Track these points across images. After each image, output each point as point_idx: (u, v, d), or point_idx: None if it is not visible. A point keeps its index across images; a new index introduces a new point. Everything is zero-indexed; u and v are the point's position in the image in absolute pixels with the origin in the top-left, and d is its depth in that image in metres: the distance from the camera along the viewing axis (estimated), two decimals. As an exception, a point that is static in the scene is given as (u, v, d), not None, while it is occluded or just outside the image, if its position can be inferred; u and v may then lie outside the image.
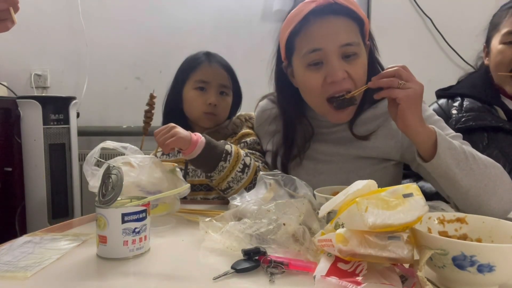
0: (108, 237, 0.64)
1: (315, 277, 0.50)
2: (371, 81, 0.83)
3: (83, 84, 2.31)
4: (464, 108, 1.20)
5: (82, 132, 2.15)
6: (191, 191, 0.92)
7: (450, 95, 1.29)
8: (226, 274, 0.57)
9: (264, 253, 0.61)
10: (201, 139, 0.95)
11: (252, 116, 1.30)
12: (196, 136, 0.95)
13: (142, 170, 0.86)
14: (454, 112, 1.21)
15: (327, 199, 0.65)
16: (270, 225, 0.67)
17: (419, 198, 0.50)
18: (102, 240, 0.64)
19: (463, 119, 1.17)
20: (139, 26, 2.28)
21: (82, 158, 2.05)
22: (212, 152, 0.97)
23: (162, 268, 0.62)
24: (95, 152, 0.88)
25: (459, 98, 1.25)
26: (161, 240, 0.75)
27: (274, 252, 0.63)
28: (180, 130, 0.94)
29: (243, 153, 1.02)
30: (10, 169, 1.97)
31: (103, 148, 0.88)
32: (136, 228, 0.65)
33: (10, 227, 1.98)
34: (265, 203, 0.74)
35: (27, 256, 0.66)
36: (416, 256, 0.50)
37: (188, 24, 2.23)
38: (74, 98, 2.04)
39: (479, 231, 0.59)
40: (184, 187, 0.84)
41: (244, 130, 1.24)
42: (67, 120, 1.98)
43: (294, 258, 0.60)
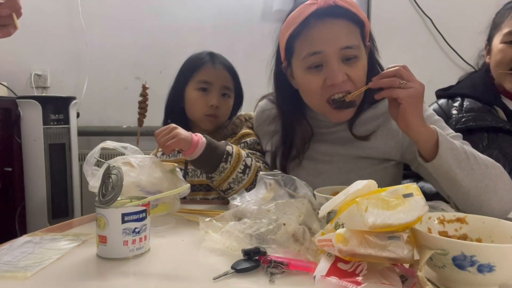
0: (108, 237, 0.64)
1: (315, 277, 0.50)
2: (372, 81, 0.82)
3: (83, 84, 2.30)
4: (464, 108, 1.20)
5: (82, 132, 2.15)
6: (191, 191, 0.92)
7: (450, 95, 1.29)
8: (226, 274, 0.57)
9: (264, 253, 0.61)
10: (202, 140, 0.95)
11: (252, 116, 1.29)
12: (197, 137, 0.95)
13: (142, 170, 0.86)
14: (454, 112, 1.21)
15: (327, 199, 0.65)
16: (270, 225, 0.67)
17: (419, 198, 0.50)
18: (102, 240, 0.64)
19: (463, 119, 1.17)
20: (139, 26, 2.28)
21: (82, 158, 2.05)
22: (213, 153, 0.96)
23: (162, 268, 0.62)
24: (95, 152, 0.88)
25: (459, 98, 1.25)
26: (161, 240, 0.75)
27: (274, 252, 0.63)
28: (181, 131, 0.94)
29: (244, 153, 1.02)
30: (10, 169, 1.97)
31: (103, 148, 0.88)
32: (136, 228, 0.65)
33: (10, 227, 1.98)
34: (265, 203, 0.74)
35: (27, 256, 0.66)
36: (416, 256, 0.50)
37: (188, 24, 2.23)
38: (74, 98, 2.03)
39: (479, 231, 0.59)
40: (184, 187, 0.84)
41: (244, 130, 1.23)
42: (67, 120, 1.98)
43: (294, 258, 0.60)
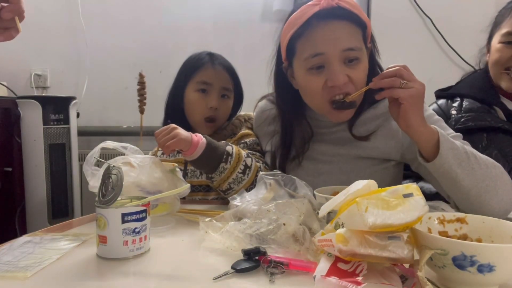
0: (108, 237, 0.64)
1: (315, 277, 0.50)
2: (372, 81, 0.82)
3: (83, 84, 2.30)
4: (463, 109, 1.20)
5: (82, 132, 2.15)
6: (190, 192, 0.92)
7: (450, 96, 1.29)
8: (226, 274, 0.57)
9: (264, 253, 0.61)
10: (202, 140, 0.95)
11: (251, 116, 1.29)
12: (197, 137, 0.95)
13: (142, 170, 0.86)
14: (453, 112, 1.21)
15: (327, 199, 0.65)
16: (270, 225, 0.67)
17: (419, 198, 0.50)
18: (102, 240, 0.64)
19: (462, 120, 1.17)
20: (139, 26, 2.27)
21: (82, 158, 2.05)
22: (213, 154, 0.96)
23: (162, 268, 0.62)
24: (95, 152, 0.88)
25: (458, 98, 1.25)
26: (161, 240, 0.75)
27: (274, 252, 0.63)
28: (181, 131, 0.94)
29: (244, 154, 1.02)
30: (10, 169, 1.97)
31: (103, 148, 0.88)
32: (136, 228, 0.65)
33: (10, 227, 1.98)
34: (265, 203, 0.74)
35: (27, 256, 0.66)
36: (416, 256, 0.50)
37: (188, 24, 2.22)
38: (74, 98, 2.03)
39: (479, 231, 0.59)
40: (184, 187, 0.84)
41: (244, 131, 1.23)
42: (67, 120, 1.98)
43: (294, 258, 0.60)
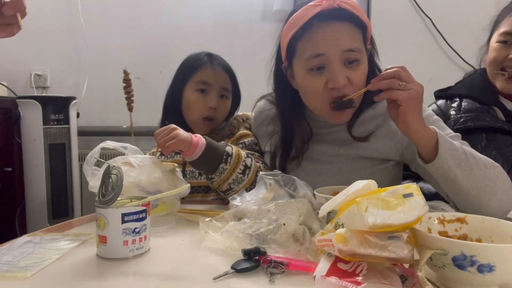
0: (108, 237, 0.64)
1: (315, 277, 0.50)
2: (371, 83, 0.82)
3: (83, 84, 2.30)
4: (462, 109, 1.21)
5: (82, 132, 2.15)
6: (189, 193, 0.92)
7: (449, 96, 1.29)
8: (226, 274, 0.57)
9: (264, 253, 0.61)
10: (201, 141, 0.95)
11: (249, 116, 1.29)
12: (196, 137, 0.95)
13: (142, 170, 0.85)
14: (452, 113, 1.22)
15: (327, 199, 0.65)
16: (270, 225, 0.67)
17: (419, 198, 0.50)
18: (102, 240, 0.64)
19: (461, 120, 1.17)
20: (139, 26, 2.28)
21: (82, 158, 2.05)
22: (212, 154, 0.96)
23: (162, 268, 0.62)
24: (95, 152, 0.88)
25: (457, 98, 1.25)
26: (161, 240, 0.75)
27: (274, 252, 0.63)
28: (180, 132, 0.93)
29: (244, 154, 1.02)
30: (10, 169, 1.97)
31: (103, 148, 0.88)
32: (136, 228, 0.65)
33: (10, 227, 1.98)
34: (265, 203, 0.74)
35: (27, 256, 0.66)
36: (416, 256, 0.50)
37: (188, 24, 2.23)
38: (74, 98, 2.03)
39: (479, 231, 0.59)
40: (184, 187, 0.84)
41: (242, 131, 1.23)
42: (67, 120, 1.98)
43: (294, 258, 0.60)
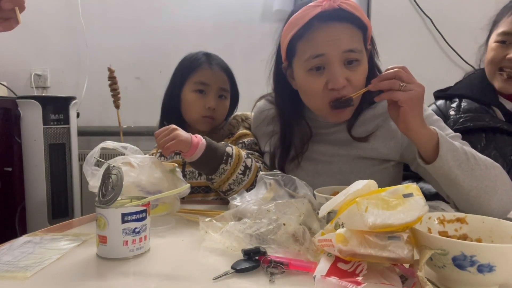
0: (108, 237, 0.64)
1: (315, 277, 0.50)
2: (371, 83, 0.82)
3: (83, 84, 2.31)
4: (461, 109, 1.21)
5: (82, 132, 2.15)
6: (189, 193, 0.92)
7: (448, 96, 1.29)
8: (226, 274, 0.57)
9: (264, 253, 0.61)
10: (201, 141, 0.95)
11: (249, 116, 1.29)
12: (196, 138, 0.95)
13: (142, 170, 0.85)
14: (452, 113, 1.22)
15: (327, 199, 0.65)
16: (270, 225, 0.67)
17: (419, 198, 0.50)
18: (102, 240, 0.64)
19: (461, 120, 1.17)
20: (139, 26, 2.28)
21: (82, 158, 2.05)
22: (213, 155, 0.96)
23: (162, 268, 0.62)
24: (95, 152, 0.88)
25: (456, 99, 1.25)
26: (161, 240, 0.75)
27: (274, 252, 0.63)
28: (181, 133, 0.93)
29: (244, 154, 1.02)
30: (10, 169, 1.97)
31: (103, 148, 0.88)
32: (136, 228, 0.65)
33: (10, 227, 1.98)
34: (265, 203, 0.74)
35: (27, 256, 0.66)
36: (416, 256, 0.50)
37: (188, 24, 2.23)
38: (74, 98, 2.04)
39: (479, 231, 0.59)
40: (184, 187, 0.84)
41: (241, 131, 1.23)
42: (67, 120, 1.98)
43: (294, 258, 0.60)
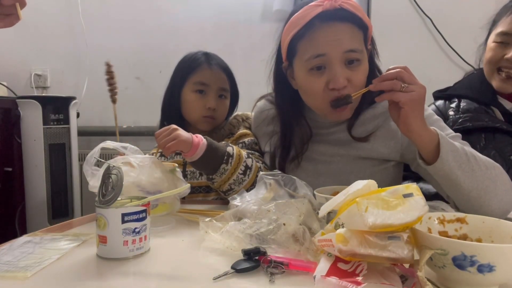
0: (108, 237, 0.64)
1: (315, 277, 0.50)
2: (372, 83, 0.81)
3: (83, 84, 2.31)
4: (461, 109, 1.21)
5: (82, 132, 2.15)
6: (190, 193, 0.92)
7: (447, 96, 1.29)
8: (226, 274, 0.57)
9: (264, 253, 0.61)
10: (202, 141, 0.95)
11: (249, 116, 1.29)
12: (197, 138, 0.95)
13: (142, 170, 0.85)
14: (451, 113, 1.22)
15: (327, 199, 0.65)
16: (270, 225, 0.67)
17: (419, 198, 0.50)
18: (102, 240, 0.64)
19: (460, 120, 1.17)
20: (139, 26, 2.28)
21: (82, 158, 2.05)
22: (213, 155, 0.96)
23: (162, 268, 0.62)
24: (95, 152, 0.88)
25: (456, 99, 1.25)
26: (161, 240, 0.75)
27: (274, 252, 0.63)
28: (181, 133, 0.93)
29: (245, 154, 1.02)
30: (10, 169, 1.97)
31: (103, 148, 0.88)
32: (136, 228, 0.65)
33: (10, 227, 1.98)
34: (265, 203, 0.74)
35: (27, 256, 0.66)
36: (416, 256, 0.50)
37: (188, 24, 2.23)
38: (74, 98, 2.04)
39: (479, 231, 0.59)
40: (184, 187, 0.84)
41: (242, 131, 1.23)
42: (67, 120, 1.98)
43: (294, 258, 0.60)
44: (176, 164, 0.96)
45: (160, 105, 1.31)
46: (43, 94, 2.34)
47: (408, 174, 1.12)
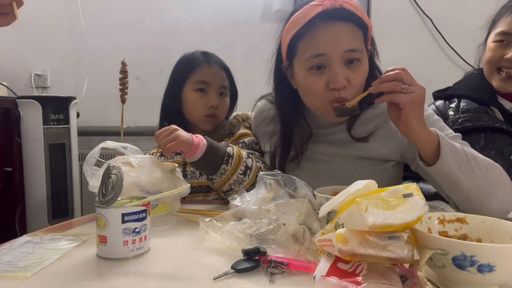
0: (108, 237, 0.64)
1: (315, 277, 0.50)
2: (372, 86, 0.81)
3: (83, 84, 2.30)
4: (460, 109, 1.21)
5: (82, 132, 2.15)
6: (190, 193, 0.92)
7: (447, 96, 1.29)
8: (226, 274, 0.57)
9: (264, 253, 0.61)
10: (202, 142, 0.95)
11: (249, 116, 1.29)
12: (197, 138, 0.95)
13: (142, 170, 0.85)
14: (451, 113, 1.22)
15: (327, 199, 0.65)
16: (270, 225, 0.67)
17: (419, 198, 0.50)
18: (102, 240, 0.64)
19: (460, 120, 1.17)
20: (139, 26, 2.28)
21: (82, 158, 2.05)
22: (213, 155, 0.96)
23: (162, 268, 0.62)
24: (95, 152, 0.88)
25: (455, 99, 1.25)
26: (161, 240, 0.75)
27: (274, 252, 0.63)
28: (181, 133, 0.93)
29: (245, 154, 1.02)
30: (10, 169, 1.97)
31: (103, 148, 0.88)
32: (136, 228, 0.65)
33: (10, 227, 1.98)
34: (265, 203, 0.74)
35: (27, 256, 0.66)
36: (416, 256, 0.50)
37: (188, 24, 2.23)
38: (74, 98, 2.04)
39: (479, 231, 0.59)
40: (184, 187, 0.84)
41: (242, 131, 1.23)
42: (67, 120, 1.98)
43: (294, 258, 0.60)
44: (176, 164, 0.96)
45: (160, 105, 1.31)
46: (43, 94, 2.34)
47: (408, 174, 1.12)
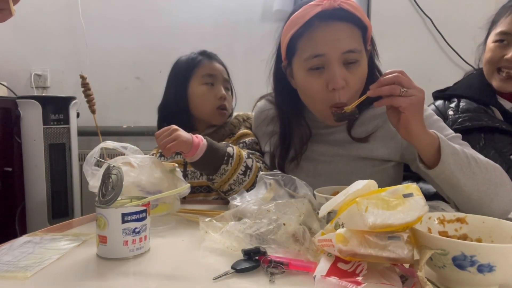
0: (108, 237, 0.64)
1: (315, 277, 0.50)
2: (370, 89, 0.80)
3: (83, 84, 2.31)
4: (460, 109, 1.21)
5: (82, 132, 2.15)
6: (190, 193, 0.92)
7: (447, 96, 1.29)
8: (226, 274, 0.57)
9: (264, 253, 0.61)
10: (202, 142, 0.95)
11: (250, 116, 1.30)
12: (197, 138, 0.95)
13: (142, 170, 0.85)
14: (450, 113, 1.22)
15: (327, 199, 0.65)
16: (270, 225, 0.67)
17: (419, 198, 0.50)
18: (102, 240, 0.64)
19: (459, 120, 1.17)
20: (139, 26, 2.28)
21: (82, 158, 2.05)
22: (214, 155, 0.96)
23: (162, 268, 0.62)
24: (95, 152, 0.88)
25: (455, 99, 1.25)
26: (161, 240, 0.75)
27: (274, 252, 0.63)
28: (181, 133, 0.93)
29: (245, 155, 1.02)
30: (10, 169, 1.97)
31: (103, 148, 0.88)
32: (136, 228, 0.65)
33: (10, 227, 1.98)
34: (265, 203, 0.74)
35: (27, 256, 0.66)
36: (416, 256, 0.50)
37: (188, 24, 2.23)
38: (74, 98, 2.03)
39: (479, 231, 0.59)
40: (184, 187, 0.84)
41: (242, 131, 1.23)
42: (67, 120, 1.98)
43: (294, 258, 0.60)
44: (176, 164, 0.97)
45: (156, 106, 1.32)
46: (43, 94, 2.34)
47: (408, 174, 1.12)
